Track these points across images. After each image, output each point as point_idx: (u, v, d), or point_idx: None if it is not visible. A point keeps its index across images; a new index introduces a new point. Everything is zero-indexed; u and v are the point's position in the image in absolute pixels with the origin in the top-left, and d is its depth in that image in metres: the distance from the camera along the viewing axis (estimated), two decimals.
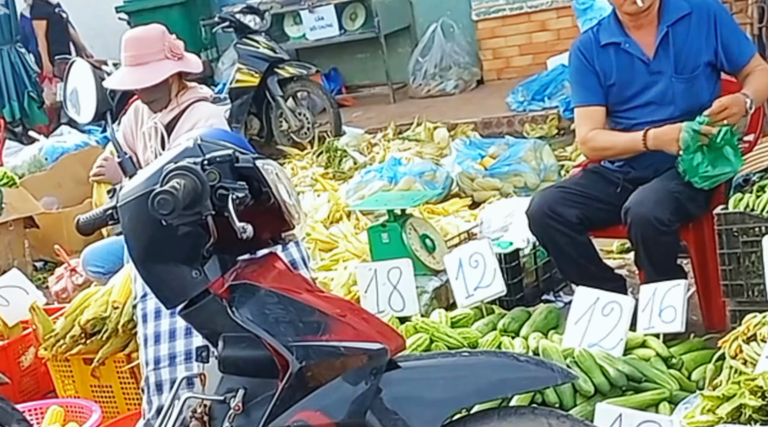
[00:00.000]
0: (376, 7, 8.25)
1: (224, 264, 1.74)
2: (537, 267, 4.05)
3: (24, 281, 4.14)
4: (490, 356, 1.80)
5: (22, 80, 8.64)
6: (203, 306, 1.72)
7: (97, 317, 3.69)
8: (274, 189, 1.68)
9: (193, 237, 1.68)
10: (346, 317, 1.73)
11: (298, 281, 1.80)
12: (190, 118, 4.23)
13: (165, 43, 4.11)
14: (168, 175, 1.60)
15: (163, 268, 1.72)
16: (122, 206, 1.74)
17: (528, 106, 7.01)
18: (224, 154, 1.67)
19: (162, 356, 2.52)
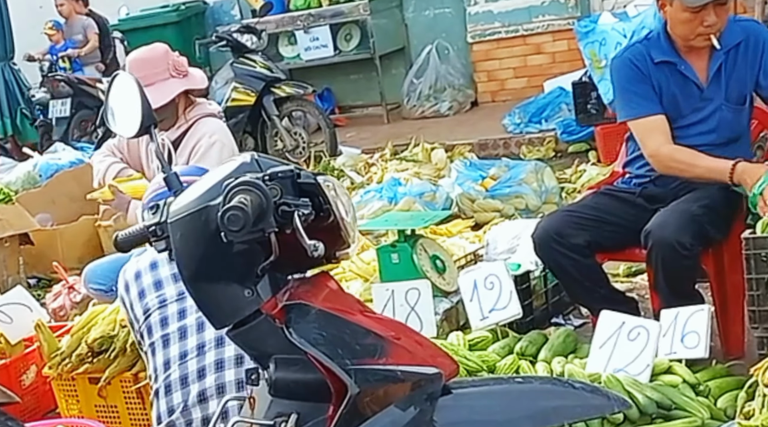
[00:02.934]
0: (371, 29, 8.27)
1: (276, 283, 1.70)
2: (546, 290, 4.04)
3: (28, 298, 4.08)
4: (544, 383, 1.77)
5: (15, 97, 8.58)
6: (255, 327, 1.68)
7: (105, 336, 3.63)
8: (333, 206, 1.65)
9: (248, 255, 1.64)
10: (401, 339, 1.70)
11: (351, 301, 1.77)
12: (195, 133, 4.20)
13: (169, 62, 4.09)
14: (232, 191, 1.57)
15: (215, 286, 1.68)
16: (173, 223, 1.70)
17: (525, 128, 7.02)
18: (286, 170, 1.64)
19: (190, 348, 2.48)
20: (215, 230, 1.63)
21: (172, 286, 2.53)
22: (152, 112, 1.96)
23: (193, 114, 4.19)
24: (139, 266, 2.59)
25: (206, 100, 4.53)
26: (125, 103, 1.97)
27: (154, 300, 2.53)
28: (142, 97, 1.93)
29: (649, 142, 3.28)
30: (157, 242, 1.86)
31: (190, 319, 2.50)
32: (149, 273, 2.56)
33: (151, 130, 1.95)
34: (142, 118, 1.93)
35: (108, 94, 2.01)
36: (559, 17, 7.77)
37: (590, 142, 6.43)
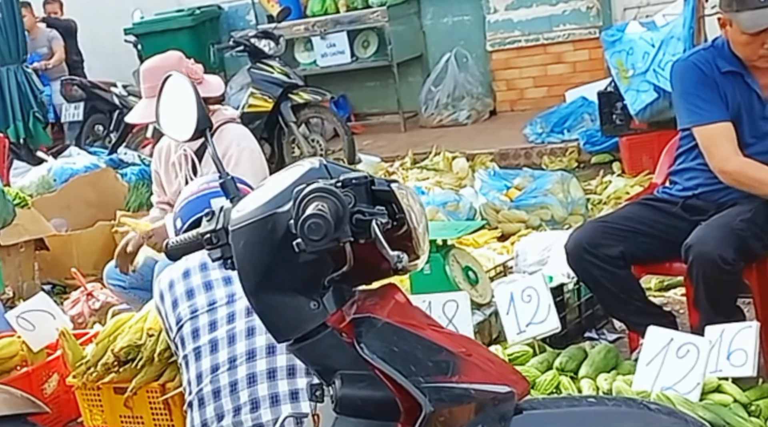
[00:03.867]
0: (389, 36, 8.21)
1: (342, 295, 1.62)
2: (580, 303, 3.98)
3: (51, 305, 4.00)
4: (618, 405, 1.69)
5: (27, 100, 8.49)
6: (320, 341, 1.60)
7: (131, 345, 3.55)
8: (407, 215, 1.57)
9: (316, 266, 1.56)
10: (472, 356, 1.63)
11: (419, 314, 1.69)
12: (220, 140, 4.13)
13: (182, 70, 4.02)
14: (307, 198, 1.49)
15: (279, 298, 1.60)
16: (236, 231, 1.62)
17: (546, 138, 6.95)
18: (360, 176, 1.56)
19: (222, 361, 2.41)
20: (282, 239, 1.56)
21: (203, 295, 2.48)
22: (207, 114, 1.89)
23: (213, 121, 4.13)
24: (173, 275, 2.53)
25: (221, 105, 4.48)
26: (178, 105, 1.90)
27: (186, 310, 2.48)
28: (197, 100, 1.86)
29: (717, 152, 3.16)
30: (212, 250, 1.79)
31: (221, 331, 2.44)
32: (182, 282, 2.52)
33: (207, 134, 1.88)
34: (198, 121, 1.86)
35: (159, 96, 1.94)
36: (580, 26, 7.71)
37: (614, 153, 6.37)
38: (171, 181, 4.24)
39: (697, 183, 3.31)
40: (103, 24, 10.20)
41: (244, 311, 2.42)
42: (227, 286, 2.48)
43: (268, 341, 2.36)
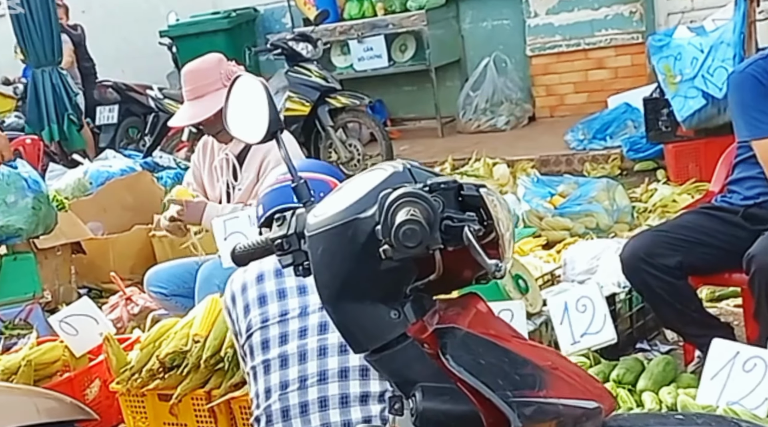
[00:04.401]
0: (427, 40, 8.13)
1: (422, 305, 1.55)
2: (631, 313, 3.89)
3: (94, 310, 3.95)
4: (708, 421, 1.61)
5: (62, 102, 8.48)
6: (400, 351, 1.53)
7: (177, 351, 3.50)
8: (496, 221, 1.49)
9: (398, 273, 1.49)
10: (558, 369, 1.55)
11: (502, 325, 1.61)
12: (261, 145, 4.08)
13: (221, 71, 3.98)
14: (396, 203, 1.41)
15: (358, 307, 1.53)
16: (314, 236, 1.55)
17: (588, 144, 6.85)
18: (449, 181, 1.49)
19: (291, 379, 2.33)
20: (364, 245, 1.49)
21: (275, 303, 2.38)
22: (279, 116, 1.82)
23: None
24: (246, 278, 2.44)
25: None
26: (248, 107, 1.83)
27: (257, 317, 2.38)
28: (269, 101, 1.79)
29: None
30: (283, 256, 1.73)
31: (292, 346, 2.34)
32: (255, 286, 2.41)
33: (278, 136, 1.81)
34: (270, 122, 1.79)
35: (228, 97, 1.88)
36: (623, 31, 7.59)
37: (658, 160, 6.25)
38: (213, 185, 4.19)
39: (758, 192, 3.23)
40: (136, 26, 10.21)
41: (317, 328, 2.33)
42: (301, 296, 2.38)
43: (341, 364, 2.28)
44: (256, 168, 4.03)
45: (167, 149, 8.21)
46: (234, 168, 4.09)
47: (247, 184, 4.05)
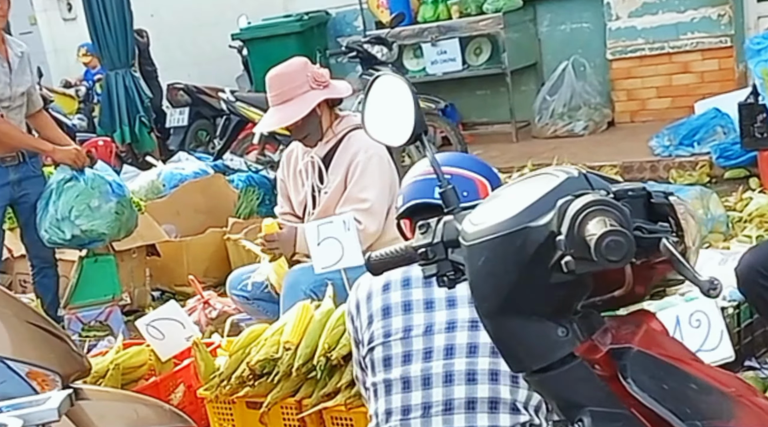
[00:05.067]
0: (503, 43, 7.96)
1: (591, 322, 1.40)
2: (739, 329, 3.69)
3: (181, 314, 3.87)
4: None
5: (134, 105, 8.47)
6: (567, 372, 1.38)
7: (268, 358, 3.39)
8: (685, 232, 1.34)
9: (572, 288, 1.34)
10: (742, 397, 1.39)
11: (678, 346, 1.46)
12: (348, 147, 3.97)
13: (308, 74, 3.89)
14: (584, 212, 1.27)
15: (522, 323, 1.39)
16: (474, 246, 1.41)
17: (674, 151, 6.61)
18: (637, 188, 1.34)
19: (414, 405, 2.18)
20: (533, 256, 1.34)
21: (400, 317, 2.23)
22: (423, 117, 1.69)
23: (341, 127, 3.98)
24: (372, 286, 2.30)
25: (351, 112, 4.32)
26: (389, 107, 1.70)
27: (379, 330, 2.24)
28: (414, 101, 1.66)
29: None
30: (427, 266, 1.59)
31: (415, 368, 2.19)
32: (380, 296, 2.27)
33: (423, 138, 1.68)
34: (415, 124, 1.66)
35: (366, 98, 1.75)
36: (710, 35, 7.34)
37: (750, 168, 6.00)
38: (298, 190, 4.09)
39: None
40: (204, 30, 10.21)
41: (443, 351, 2.19)
42: (427, 311, 2.23)
43: (468, 394, 2.14)
44: (344, 171, 3.92)
45: (238, 152, 8.14)
46: (320, 171, 3.99)
47: (333, 187, 3.94)
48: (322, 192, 3.99)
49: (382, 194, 3.87)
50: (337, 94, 3.99)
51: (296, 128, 3.92)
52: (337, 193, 3.93)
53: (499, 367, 2.14)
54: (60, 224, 4.82)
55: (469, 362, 2.15)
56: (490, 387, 2.13)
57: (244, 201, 6.87)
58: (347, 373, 3.24)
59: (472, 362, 2.15)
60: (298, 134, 3.97)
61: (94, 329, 5.34)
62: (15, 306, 2.53)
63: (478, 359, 2.15)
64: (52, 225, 4.84)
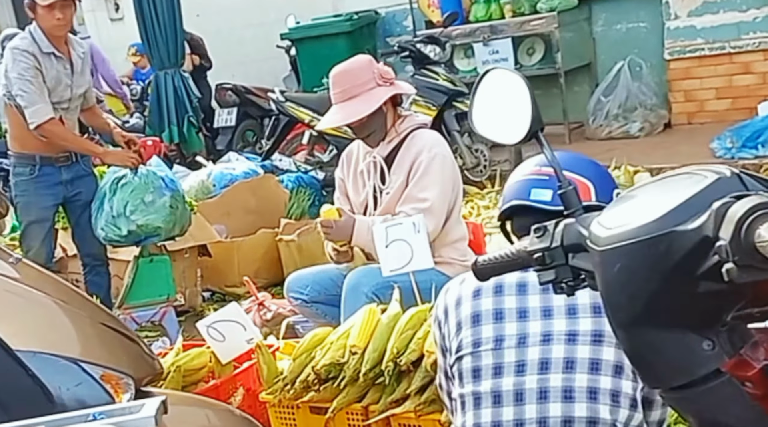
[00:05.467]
0: (557, 43, 7.82)
1: (739, 335, 1.28)
2: None
3: (242, 316, 3.79)
4: None
5: (183, 105, 8.44)
6: (712, 389, 1.26)
7: (333, 363, 3.30)
8: None
9: (724, 297, 1.23)
10: None
11: None
12: (411, 147, 3.87)
13: (374, 71, 3.80)
14: (752, 216, 1.15)
15: (662, 334, 1.27)
16: (609, 251, 1.30)
17: (737, 153, 6.44)
18: None
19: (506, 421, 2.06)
20: (680, 262, 1.22)
21: (490, 325, 2.10)
22: (540, 114, 1.58)
23: (404, 127, 3.88)
24: (462, 291, 2.16)
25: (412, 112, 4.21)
26: (502, 103, 1.60)
27: (468, 338, 2.11)
28: (531, 97, 1.55)
29: None
30: (543, 272, 1.48)
31: (507, 382, 2.06)
32: (470, 302, 2.13)
33: (540, 136, 1.57)
34: (532, 120, 1.55)
35: (475, 93, 1.65)
36: None
37: None
38: (358, 191, 3.99)
39: None
40: (250, 30, 10.17)
41: (537, 365, 2.05)
42: (520, 321, 2.09)
43: (564, 412, 2.01)
44: (406, 170, 3.83)
45: (286, 153, 8.08)
46: (382, 172, 3.89)
47: (395, 187, 3.84)
48: (383, 193, 3.90)
49: (443, 194, 3.76)
50: (402, 91, 3.90)
51: (360, 126, 3.83)
52: (399, 193, 3.84)
53: (598, 385, 2.01)
54: (116, 221, 4.79)
55: (566, 378, 2.02)
56: (588, 406, 1.99)
57: (296, 202, 6.80)
58: (417, 379, 3.14)
59: (569, 379, 2.01)
60: (362, 132, 3.87)
61: (147, 330, 5.30)
62: (88, 307, 2.47)
63: (576, 376, 2.01)
64: (108, 222, 4.80)
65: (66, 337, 2.37)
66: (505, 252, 1.59)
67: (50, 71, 4.69)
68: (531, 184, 2.10)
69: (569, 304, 2.03)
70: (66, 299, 2.47)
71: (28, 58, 4.64)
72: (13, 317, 2.37)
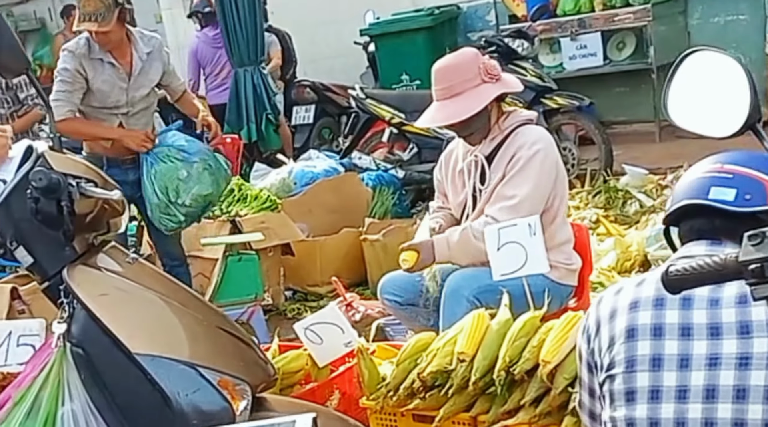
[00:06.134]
0: (650, 37, 7.53)
1: None
2: None
3: (340, 319, 3.63)
4: None
5: (261, 102, 8.36)
6: None
7: (440, 370, 3.12)
8: None
9: None
10: None
11: None
12: (512, 144, 3.66)
13: (480, 66, 3.59)
14: None
15: None
16: None
17: None
18: None
19: None
20: None
21: (647, 342, 1.84)
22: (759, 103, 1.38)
23: (507, 124, 3.67)
24: (618, 303, 1.91)
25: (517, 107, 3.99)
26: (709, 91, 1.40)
27: (621, 355, 1.86)
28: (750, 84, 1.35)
29: None
30: (760, 286, 1.28)
31: (665, 410, 1.80)
32: (626, 314, 1.88)
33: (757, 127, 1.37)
34: (750, 111, 1.35)
35: (672, 78, 1.45)
36: None
37: None
38: (457, 192, 3.81)
39: None
40: (324, 27, 10.06)
41: (701, 392, 1.78)
42: (682, 339, 1.82)
43: None
44: (504, 166, 3.63)
45: (365, 150, 7.93)
46: (482, 171, 3.70)
47: (492, 186, 3.65)
48: (483, 193, 3.71)
49: (537, 192, 3.54)
50: (509, 88, 3.69)
51: (462, 125, 3.64)
52: (491, 191, 3.66)
53: None
54: (168, 210, 4.66)
55: (737, 409, 1.75)
56: None
57: (379, 201, 6.66)
58: (531, 389, 2.95)
59: (740, 410, 1.74)
60: (464, 131, 3.69)
61: None
62: (205, 310, 2.35)
63: (748, 407, 1.74)
64: (163, 215, 4.68)
65: (183, 340, 2.27)
66: (705, 262, 1.38)
67: (98, 76, 4.60)
68: (710, 183, 1.84)
69: (741, 321, 1.76)
70: (182, 301, 2.35)
71: (69, 60, 4.57)
72: (130, 318, 2.28)
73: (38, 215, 2.36)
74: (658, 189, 5.99)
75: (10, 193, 2.40)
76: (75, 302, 2.34)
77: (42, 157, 2.42)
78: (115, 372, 2.27)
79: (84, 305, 2.28)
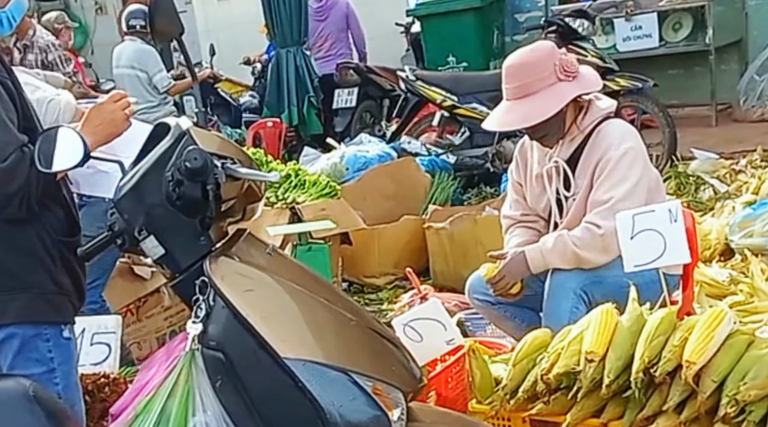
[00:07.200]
0: (708, 17, 7.28)
1: None
2: None
3: (443, 314, 3.42)
4: None
5: (304, 85, 8.13)
6: None
7: (567, 371, 2.92)
8: None
9: None
10: None
11: None
12: (597, 144, 3.36)
13: (556, 63, 3.30)
14: None
15: None
16: None
17: None
18: None
19: None
20: None
21: None
22: None
23: (587, 121, 3.37)
24: None
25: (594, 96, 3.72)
26: None
27: None
28: None
29: None
30: None
31: None
32: None
33: None
34: None
35: None
36: None
37: None
38: (536, 196, 3.54)
39: None
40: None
41: None
42: None
43: None
44: (590, 172, 3.35)
45: (414, 134, 7.69)
46: (566, 175, 3.43)
47: (582, 191, 3.38)
48: (569, 199, 3.45)
49: (633, 193, 3.25)
50: (587, 87, 3.38)
51: (536, 127, 3.36)
52: (585, 198, 3.39)
53: None
54: None
55: None
56: None
57: (439, 187, 6.42)
58: (674, 393, 2.76)
59: None
60: (537, 133, 3.40)
61: None
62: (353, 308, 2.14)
63: None
64: None
65: (335, 343, 2.05)
66: None
67: None
68: None
69: None
70: (329, 298, 2.13)
71: None
72: (278, 318, 2.06)
73: (178, 201, 2.11)
74: (731, 174, 5.75)
75: (143, 176, 2.15)
76: (214, 299, 2.11)
77: (187, 135, 2.15)
78: (261, 379, 2.06)
79: (228, 303, 2.05)
